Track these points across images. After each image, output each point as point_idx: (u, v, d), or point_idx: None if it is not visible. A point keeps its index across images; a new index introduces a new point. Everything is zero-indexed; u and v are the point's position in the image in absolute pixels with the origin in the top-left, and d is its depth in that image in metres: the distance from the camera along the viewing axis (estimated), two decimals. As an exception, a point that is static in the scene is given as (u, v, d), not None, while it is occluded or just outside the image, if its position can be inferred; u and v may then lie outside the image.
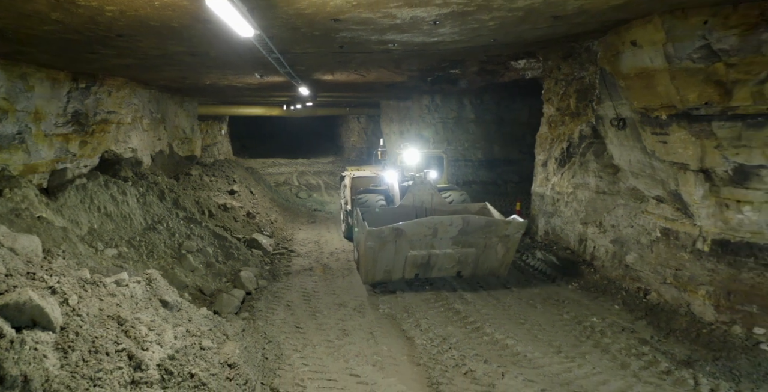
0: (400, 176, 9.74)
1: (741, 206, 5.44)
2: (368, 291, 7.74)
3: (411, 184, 8.87)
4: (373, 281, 7.67)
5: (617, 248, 7.73)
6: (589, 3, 4.78)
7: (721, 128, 5.28)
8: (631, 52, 6.15)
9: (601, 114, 8.06)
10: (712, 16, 5.03)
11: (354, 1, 4.54)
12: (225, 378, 4.39)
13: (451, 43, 7.07)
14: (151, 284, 4.94)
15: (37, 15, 4.63)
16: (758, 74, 4.85)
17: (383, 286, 7.83)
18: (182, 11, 4.61)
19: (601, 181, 8.51)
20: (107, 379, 3.48)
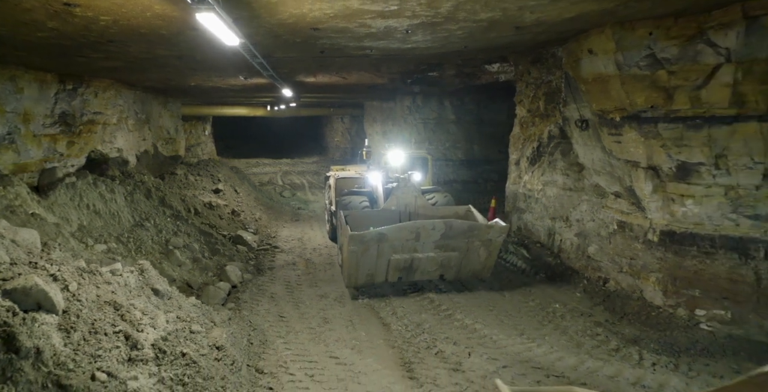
0: (384, 177, 9.64)
1: (684, 200, 6.01)
2: (349, 283, 8.17)
3: (395, 186, 8.81)
4: (356, 285, 7.65)
5: (581, 241, 8.28)
6: (545, 15, 5.28)
7: (666, 130, 5.84)
8: (588, 59, 6.68)
9: (567, 116, 8.60)
10: (656, 28, 5.57)
11: (331, 13, 4.97)
12: (213, 359, 4.78)
13: (425, 49, 7.53)
14: (143, 274, 5.30)
15: (34, 23, 4.96)
16: (695, 81, 5.41)
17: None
18: (172, 21, 4.98)
19: (568, 178, 9.06)
20: (106, 356, 3.85)
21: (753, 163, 5.46)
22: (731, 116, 5.36)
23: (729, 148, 5.51)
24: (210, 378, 4.37)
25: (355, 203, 9.20)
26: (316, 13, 4.90)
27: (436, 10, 4.94)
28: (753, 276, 5.73)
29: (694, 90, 5.44)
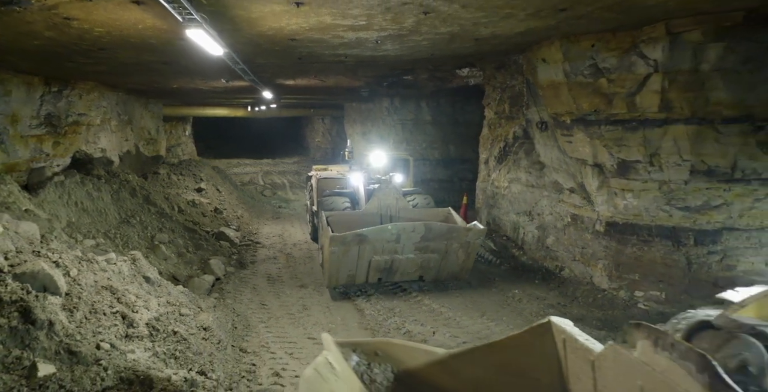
0: (366, 178, 9.69)
1: (625, 194, 6.74)
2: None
3: (377, 188, 8.87)
4: (337, 285, 7.74)
5: (541, 233, 8.99)
6: (498, 29, 5.93)
7: (607, 131, 6.55)
8: (543, 67, 7.37)
9: (529, 118, 9.31)
10: (597, 40, 6.27)
11: (306, 26, 5.52)
12: (201, 338, 5.29)
13: (396, 57, 8.13)
14: (135, 263, 5.77)
15: (32, 33, 5.40)
16: (630, 88, 6.12)
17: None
18: (161, 32, 5.47)
19: (530, 176, 9.77)
20: (106, 333, 4.35)
21: (682, 160, 6.20)
22: (662, 120, 6.09)
23: (661, 147, 6.24)
24: (199, 354, 4.89)
25: (337, 204, 9.28)
26: (293, 26, 5.45)
27: (401, 25, 5.54)
28: (684, 261, 6.48)
29: (630, 96, 6.15)
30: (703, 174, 6.21)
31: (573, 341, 2.62)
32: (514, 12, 4.95)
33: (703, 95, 5.77)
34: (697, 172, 6.21)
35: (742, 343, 2.10)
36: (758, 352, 2.08)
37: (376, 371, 2.97)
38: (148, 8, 4.45)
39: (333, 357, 2.79)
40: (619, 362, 2.31)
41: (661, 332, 2.09)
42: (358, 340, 3.05)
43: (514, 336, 2.93)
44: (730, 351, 2.09)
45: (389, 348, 3.05)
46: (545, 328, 2.79)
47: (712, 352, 2.10)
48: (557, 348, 2.76)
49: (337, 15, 5.01)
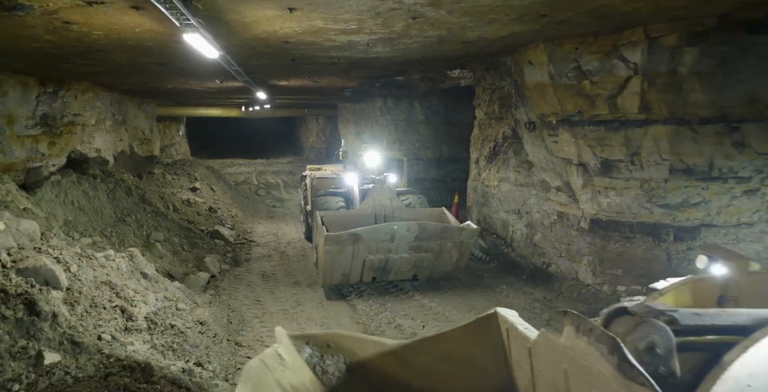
0: (360, 178, 9.73)
1: (608, 192, 6.98)
2: (320, 272, 8.90)
3: (371, 188, 8.94)
4: (331, 284, 7.79)
5: (529, 231, 9.23)
6: (485, 33, 6.14)
7: (591, 131, 6.78)
8: (529, 69, 7.60)
9: (518, 118, 9.54)
10: (580, 44, 6.50)
11: (299, 30, 5.71)
12: (198, 332, 5.47)
13: (387, 58, 8.33)
14: (133, 259, 5.94)
15: (32, 36, 5.55)
16: (612, 90, 6.36)
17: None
18: (158, 35, 5.64)
19: (519, 175, 10.01)
20: (106, 326, 4.52)
21: (661, 160, 6.45)
22: (642, 120, 6.33)
23: (642, 147, 6.49)
24: (195, 347, 5.06)
25: (332, 204, 9.30)
26: (286, 30, 5.64)
27: (391, 29, 5.74)
28: (664, 256, 6.73)
29: (612, 98, 6.39)
30: (682, 173, 6.46)
31: (514, 330, 2.79)
32: (498, 17, 5.17)
33: (680, 97, 6.01)
34: (676, 170, 6.46)
35: (651, 327, 2.31)
36: (666, 335, 2.28)
37: (329, 362, 3.13)
38: (146, 13, 4.62)
39: (284, 349, 2.94)
40: (549, 347, 2.50)
41: (583, 318, 2.31)
42: (311, 333, 3.18)
43: (461, 327, 3.10)
44: (640, 334, 2.30)
45: (341, 340, 3.21)
46: (491, 319, 2.97)
47: (624, 335, 2.31)
48: (502, 338, 2.95)
49: (329, 19, 5.20)
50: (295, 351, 3.10)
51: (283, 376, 2.81)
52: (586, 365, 2.22)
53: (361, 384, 3.24)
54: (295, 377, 2.96)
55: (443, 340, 3.25)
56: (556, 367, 2.47)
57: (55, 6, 4.28)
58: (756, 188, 6.55)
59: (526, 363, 2.84)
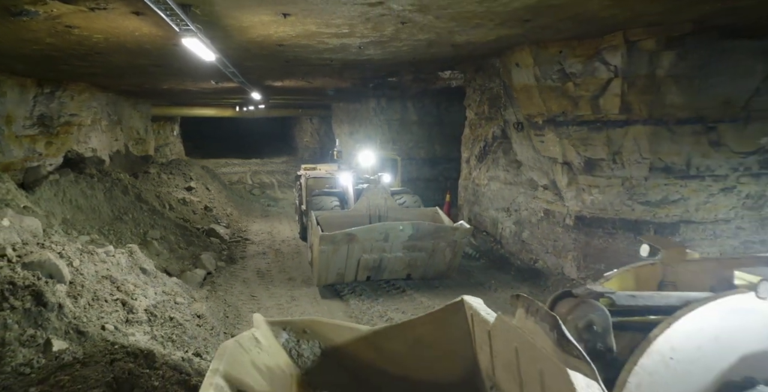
0: (354, 178, 9.83)
1: (591, 190, 7.24)
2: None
3: (365, 188, 9.06)
4: (326, 283, 7.85)
5: (517, 228, 9.49)
6: (472, 37, 6.38)
7: (575, 131, 7.04)
8: (516, 71, 7.85)
9: (507, 118, 9.79)
10: (564, 47, 6.75)
11: (293, 34, 5.92)
12: (196, 325, 5.67)
13: (380, 60, 8.56)
14: (132, 255, 6.13)
15: (34, 39, 5.72)
16: (594, 91, 6.61)
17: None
18: (156, 39, 5.83)
19: (508, 174, 10.26)
20: (108, 318, 4.72)
21: (641, 158, 6.71)
22: (622, 121, 6.59)
23: (623, 146, 6.75)
24: (194, 338, 5.27)
25: (326, 204, 9.41)
26: (280, 33, 5.85)
27: (381, 33, 5.97)
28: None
29: (594, 99, 6.65)
30: (661, 171, 6.73)
31: (477, 315, 3.04)
32: (483, 22, 5.41)
33: (658, 99, 6.28)
34: (656, 169, 6.72)
35: (590, 307, 2.56)
36: (603, 314, 2.54)
37: (304, 347, 3.36)
38: (146, 18, 4.82)
39: (261, 334, 3.17)
40: (504, 329, 2.75)
41: (532, 301, 2.56)
42: (288, 319, 3.41)
43: (430, 314, 3.34)
44: (580, 313, 2.55)
45: (317, 326, 3.44)
46: (458, 306, 3.21)
47: (566, 315, 2.56)
48: (468, 323, 3.19)
49: (321, 24, 5.42)
50: (272, 335, 3.32)
51: (258, 358, 3.03)
52: (533, 342, 2.46)
53: (336, 367, 3.48)
54: (271, 359, 3.17)
55: (413, 326, 3.49)
56: (510, 346, 2.71)
57: (59, 11, 4.47)
58: (732, 185, 6.83)
59: (487, 345, 3.08)
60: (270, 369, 3.10)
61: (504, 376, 2.99)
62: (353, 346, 3.54)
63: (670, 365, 2.46)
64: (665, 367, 2.46)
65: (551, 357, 2.37)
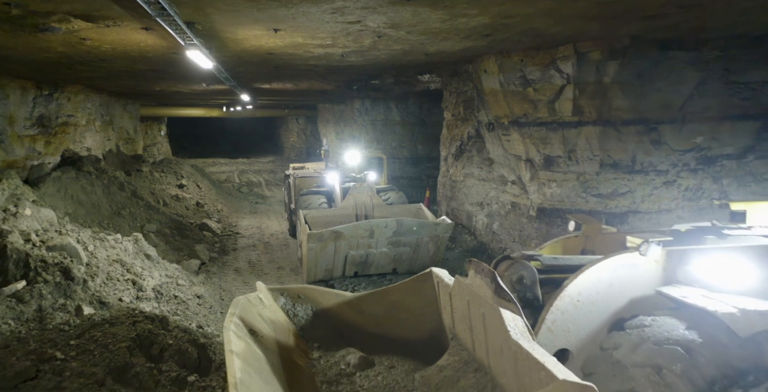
0: (341, 177, 10.08)
1: (550, 184, 8.08)
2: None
3: (352, 186, 9.36)
4: (315, 280, 8.01)
5: (489, 220, 10.32)
6: (442, 47, 7.17)
7: (535, 131, 7.88)
8: (486, 77, 8.66)
9: (480, 119, 10.61)
10: (525, 56, 7.58)
11: (282, 45, 6.64)
12: (197, 304, 6.36)
13: (361, 66, 9.31)
14: (137, 243, 6.79)
15: (47, 48, 6.35)
16: (550, 96, 7.45)
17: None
18: (159, 48, 6.50)
19: (482, 171, 11.10)
20: (122, 294, 5.39)
21: (593, 155, 7.57)
22: (575, 122, 7.44)
23: (577, 144, 7.60)
24: (196, 314, 5.97)
25: (314, 202, 9.69)
26: (271, 44, 6.56)
27: (361, 44, 6.72)
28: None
29: (551, 103, 7.49)
30: (610, 167, 7.60)
31: (442, 281, 3.85)
32: (450, 36, 6.19)
33: (606, 102, 7.13)
34: (606, 165, 7.59)
35: (521, 266, 3.37)
36: (531, 271, 3.35)
37: (299, 308, 4.16)
38: (153, 32, 5.50)
39: (263, 296, 3.96)
40: (460, 288, 3.55)
41: (479, 263, 3.37)
42: (285, 286, 4.20)
43: (404, 282, 4.16)
44: (513, 270, 3.36)
45: (309, 293, 4.24)
46: (427, 276, 4.02)
47: (503, 272, 3.37)
48: (434, 289, 4.00)
49: (308, 37, 6.15)
50: (272, 298, 4.11)
51: (263, 312, 3.80)
52: (479, 294, 3.25)
53: (325, 325, 4.27)
54: (273, 315, 3.95)
55: (389, 293, 4.29)
56: (464, 301, 3.51)
57: (78, 27, 5.13)
58: (673, 179, 7.73)
59: (448, 305, 3.88)
60: (272, 321, 3.87)
61: (460, 326, 3.78)
62: (339, 309, 4.32)
63: (577, 305, 3.27)
64: (573, 307, 3.26)
65: (490, 302, 3.16)
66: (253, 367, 3.04)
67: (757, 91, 7.24)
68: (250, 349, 3.23)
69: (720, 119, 7.34)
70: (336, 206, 9.49)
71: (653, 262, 3.27)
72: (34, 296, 4.25)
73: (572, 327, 3.25)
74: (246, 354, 3.08)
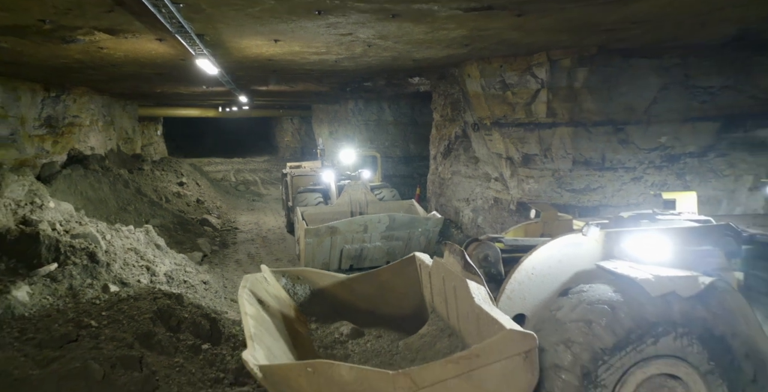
0: (336, 175, 10.47)
1: (528, 180, 8.76)
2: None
3: (347, 184, 9.75)
4: None
5: (474, 215, 10.99)
6: (428, 54, 7.82)
7: (514, 132, 8.55)
8: (469, 81, 9.32)
9: (466, 120, 11.27)
10: (504, 62, 8.24)
11: (281, 52, 7.27)
12: (204, 289, 6.97)
13: (353, 70, 9.95)
14: (149, 234, 7.39)
15: (65, 56, 6.93)
16: (527, 99, 8.13)
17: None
18: (168, 55, 7.11)
19: (468, 168, 11.77)
20: (138, 277, 6.00)
21: (566, 153, 8.25)
22: (550, 123, 8.12)
23: (551, 144, 8.28)
24: (203, 298, 6.58)
25: (311, 200, 10.12)
26: (271, 52, 7.19)
27: (353, 52, 7.35)
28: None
29: (527, 105, 8.16)
30: (582, 164, 8.28)
31: (423, 263, 4.52)
32: (433, 45, 6.84)
33: (576, 105, 7.81)
34: (578, 162, 8.27)
35: (487, 246, 4.04)
36: (495, 250, 4.01)
37: (298, 288, 4.82)
38: (165, 42, 6.11)
39: (268, 276, 4.61)
40: (437, 267, 4.21)
41: (452, 245, 4.02)
42: (286, 269, 4.88)
43: (391, 265, 4.84)
44: (480, 250, 4.03)
45: (307, 274, 4.92)
46: (411, 260, 4.69)
47: (472, 252, 4.04)
48: (417, 271, 4.67)
49: (304, 46, 6.78)
50: (275, 279, 4.75)
51: (268, 288, 4.46)
52: (451, 270, 3.91)
53: (321, 302, 4.93)
54: (276, 292, 4.61)
55: (378, 274, 4.96)
56: (440, 278, 4.17)
57: (99, 38, 5.73)
58: (640, 176, 8.42)
59: (428, 283, 4.55)
60: (276, 297, 4.51)
61: (438, 300, 4.45)
62: (334, 288, 4.99)
63: (531, 278, 3.92)
64: (528, 279, 3.91)
65: (459, 275, 3.82)
66: (263, 327, 3.69)
67: (715, 95, 7.95)
68: (260, 314, 3.87)
69: (682, 121, 8.04)
70: (332, 204, 9.89)
71: (593, 241, 3.92)
72: (65, 276, 4.85)
73: (527, 295, 3.90)
74: (257, 316, 3.72)
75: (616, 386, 3.22)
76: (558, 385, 3.20)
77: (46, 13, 4.44)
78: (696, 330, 3.27)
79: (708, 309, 3.32)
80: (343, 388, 2.97)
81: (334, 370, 2.98)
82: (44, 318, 4.20)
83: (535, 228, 4.91)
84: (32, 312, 4.28)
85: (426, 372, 2.97)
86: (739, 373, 3.31)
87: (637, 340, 3.21)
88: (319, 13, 4.68)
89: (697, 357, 3.28)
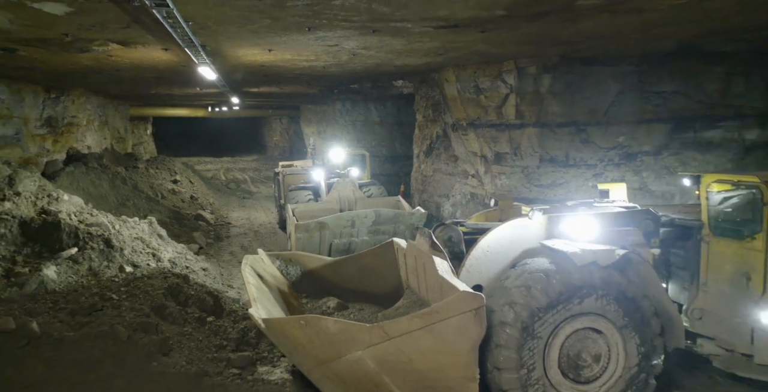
0: (326, 173, 10.74)
1: (501, 176, 9.57)
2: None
3: (336, 182, 10.03)
4: None
5: (453, 209, 11.79)
6: (408, 61, 8.58)
7: (487, 132, 9.36)
8: (447, 85, 10.11)
9: (446, 121, 12.06)
10: (477, 69, 9.04)
11: (274, 59, 7.98)
12: (203, 275, 7.66)
13: (339, 75, 10.68)
14: (152, 225, 8.05)
15: (76, 62, 7.56)
16: (498, 102, 8.93)
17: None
18: (170, 62, 7.77)
19: (448, 166, 12.56)
20: (144, 263, 6.67)
21: (534, 152, 9.07)
22: (519, 124, 8.93)
23: (521, 143, 9.09)
24: (204, 281, 7.26)
25: (301, 197, 10.46)
26: (264, 59, 7.89)
27: (339, 59, 8.09)
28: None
29: (498, 108, 8.97)
30: (549, 162, 9.11)
31: (400, 247, 5.29)
32: (411, 54, 7.61)
33: (542, 108, 8.63)
34: (545, 160, 9.10)
35: (451, 228, 4.82)
36: (458, 232, 4.79)
37: (290, 269, 5.57)
38: (170, 51, 6.78)
39: (264, 258, 5.36)
40: (411, 248, 4.98)
41: (423, 228, 4.79)
42: (279, 252, 5.65)
43: (372, 250, 5.62)
44: (445, 232, 4.81)
45: (298, 258, 5.68)
46: (389, 244, 5.46)
47: (438, 234, 4.81)
48: (395, 255, 5.44)
49: (295, 54, 7.50)
50: (270, 261, 5.48)
51: (265, 267, 5.20)
52: (421, 249, 4.67)
53: (311, 282, 5.68)
54: (271, 271, 5.34)
55: (361, 258, 5.72)
56: (413, 257, 4.94)
57: (111, 48, 6.39)
58: (600, 172, 9.27)
59: (404, 264, 5.32)
60: (272, 275, 5.25)
61: (411, 277, 5.22)
62: (322, 270, 5.74)
63: (486, 255, 4.69)
64: (484, 255, 4.69)
65: (427, 253, 4.58)
66: (263, 295, 4.43)
67: (667, 99, 8.83)
68: (259, 285, 4.61)
69: (638, 122, 8.91)
70: (322, 200, 10.31)
71: (538, 224, 4.72)
72: (85, 259, 5.51)
73: (483, 269, 4.67)
74: (258, 286, 4.45)
75: (550, 337, 4.02)
76: (504, 338, 3.98)
77: (71, 29, 5.10)
78: (613, 292, 4.07)
79: (623, 276, 4.13)
80: (330, 338, 3.72)
81: (322, 323, 3.72)
82: (72, 292, 4.87)
83: (494, 214, 5.70)
84: (61, 287, 4.94)
85: (396, 325, 3.73)
86: (648, 327, 4.13)
87: (566, 300, 4.00)
88: (309, 30, 5.41)
89: (614, 314, 4.09)
